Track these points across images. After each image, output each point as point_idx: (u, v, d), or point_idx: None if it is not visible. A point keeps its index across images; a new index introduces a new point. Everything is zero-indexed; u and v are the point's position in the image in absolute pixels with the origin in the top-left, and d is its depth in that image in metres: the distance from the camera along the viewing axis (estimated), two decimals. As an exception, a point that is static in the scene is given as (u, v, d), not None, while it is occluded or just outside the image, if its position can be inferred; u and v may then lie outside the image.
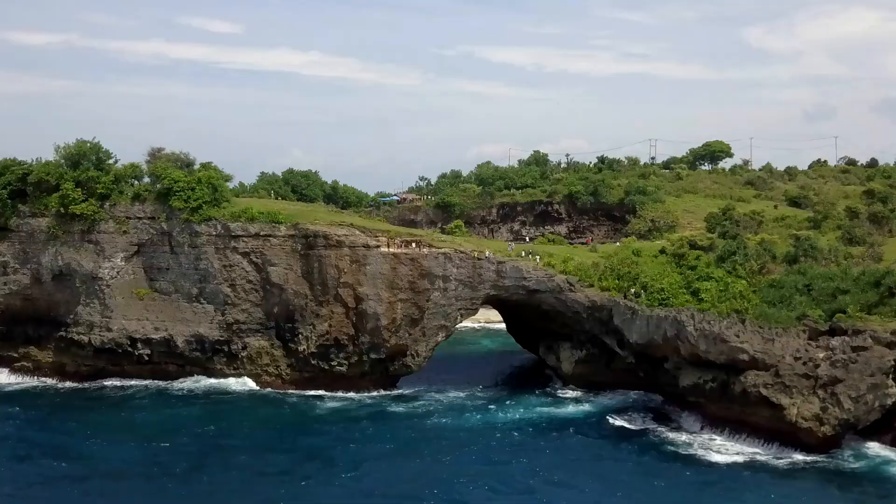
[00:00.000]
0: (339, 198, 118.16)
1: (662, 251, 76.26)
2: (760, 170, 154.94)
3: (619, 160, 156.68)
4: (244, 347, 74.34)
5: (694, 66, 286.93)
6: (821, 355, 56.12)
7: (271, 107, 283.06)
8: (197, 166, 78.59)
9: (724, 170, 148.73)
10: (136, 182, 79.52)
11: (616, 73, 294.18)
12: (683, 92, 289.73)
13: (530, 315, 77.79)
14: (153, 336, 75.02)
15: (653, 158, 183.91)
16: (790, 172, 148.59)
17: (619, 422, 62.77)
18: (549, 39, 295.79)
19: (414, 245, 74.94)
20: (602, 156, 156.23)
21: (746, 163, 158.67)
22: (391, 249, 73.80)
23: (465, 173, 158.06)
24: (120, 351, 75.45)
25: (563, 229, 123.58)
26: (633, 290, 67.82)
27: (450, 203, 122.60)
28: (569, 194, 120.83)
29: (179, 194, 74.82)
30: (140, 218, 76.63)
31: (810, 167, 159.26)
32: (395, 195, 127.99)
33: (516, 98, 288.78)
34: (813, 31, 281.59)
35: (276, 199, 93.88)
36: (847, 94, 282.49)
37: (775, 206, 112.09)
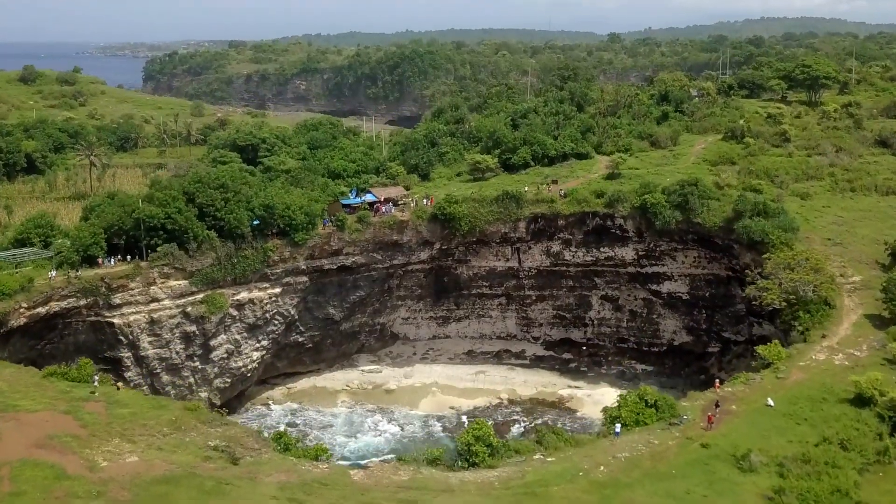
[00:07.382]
0: (276, 220, 73.05)
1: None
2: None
3: (688, 92, 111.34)
4: None
5: None
6: None
7: None
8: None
9: (834, 110, 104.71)
10: None
11: None
12: None
13: None
14: None
15: (724, 74, 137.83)
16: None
17: None
18: None
19: None
20: (664, 91, 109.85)
21: (846, 88, 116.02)
22: None
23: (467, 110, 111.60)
24: None
25: (628, 253, 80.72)
26: None
27: (452, 216, 78.25)
28: (641, 206, 76.41)
29: None
30: None
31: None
32: (367, 195, 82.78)
33: None
34: None
35: (117, 386, 49.35)
36: None
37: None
